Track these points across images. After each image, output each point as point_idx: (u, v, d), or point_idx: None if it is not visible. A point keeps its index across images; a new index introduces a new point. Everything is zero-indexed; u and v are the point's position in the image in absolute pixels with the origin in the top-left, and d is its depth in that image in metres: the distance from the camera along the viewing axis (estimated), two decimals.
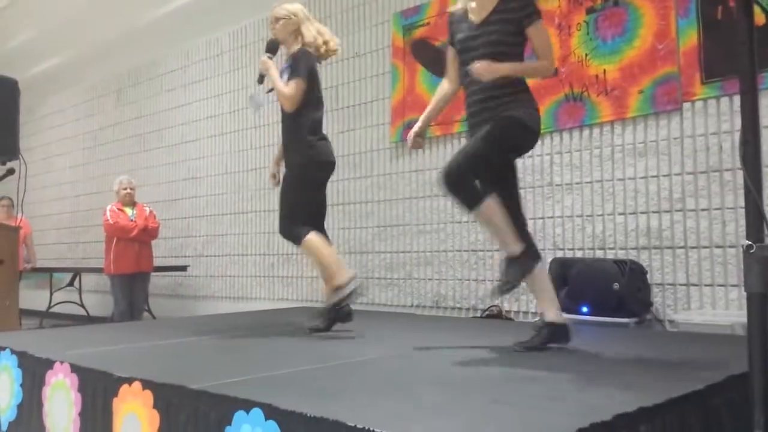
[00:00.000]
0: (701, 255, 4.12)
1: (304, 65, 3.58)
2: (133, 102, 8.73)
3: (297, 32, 3.66)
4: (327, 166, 3.70)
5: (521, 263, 2.82)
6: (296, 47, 3.65)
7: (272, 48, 3.73)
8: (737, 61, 2.09)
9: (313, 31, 3.67)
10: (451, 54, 3.12)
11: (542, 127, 4.70)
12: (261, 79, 3.72)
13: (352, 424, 1.67)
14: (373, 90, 5.96)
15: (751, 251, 1.96)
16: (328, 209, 6.13)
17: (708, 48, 4.09)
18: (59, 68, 9.50)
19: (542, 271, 3.02)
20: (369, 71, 5.99)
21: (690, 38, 4.16)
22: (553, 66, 3.13)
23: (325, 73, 6.34)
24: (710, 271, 4.08)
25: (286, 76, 3.60)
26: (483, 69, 2.79)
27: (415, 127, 3.20)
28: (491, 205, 2.81)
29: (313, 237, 3.57)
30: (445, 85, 3.19)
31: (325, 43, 3.69)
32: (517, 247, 2.81)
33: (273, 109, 6.84)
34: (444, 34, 5.38)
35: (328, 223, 6.22)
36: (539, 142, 4.78)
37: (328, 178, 3.77)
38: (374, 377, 2.44)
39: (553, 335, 2.91)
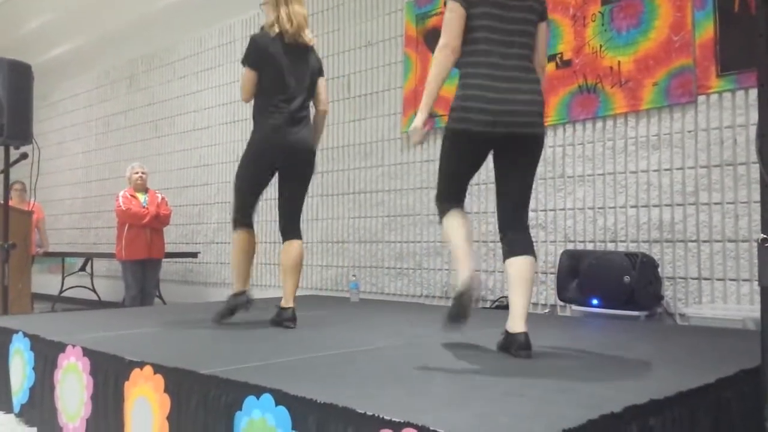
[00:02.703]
0: (713, 249, 4.10)
1: (247, 52, 3.54)
2: (146, 88, 8.75)
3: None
4: (270, 149, 3.54)
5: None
6: None
7: None
8: (755, 54, 2.07)
9: (273, 15, 3.51)
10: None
11: (555, 118, 4.79)
12: None
13: (362, 411, 1.67)
14: (385, 79, 5.94)
15: (766, 245, 1.94)
16: (339, 198, 6.22)
17: (724, 40, 4.04)
18: (72, 54, 9.52)
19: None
20: (381, 60, 5.97)
21: (706, 30, 4.12)
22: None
23: (337, 61, 6.33)
24: (722, 266, 4.06)
25: None
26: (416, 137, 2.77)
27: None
28: None
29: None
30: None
31: (290, 26, 3.51)
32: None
33: None
34: None
35: (339, 211, 6.30)
36: (552, 133, 4.82)
37: (278, 162, 3.58)
38: (384, 366, 2.44)
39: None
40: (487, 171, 3.08)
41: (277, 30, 3.51)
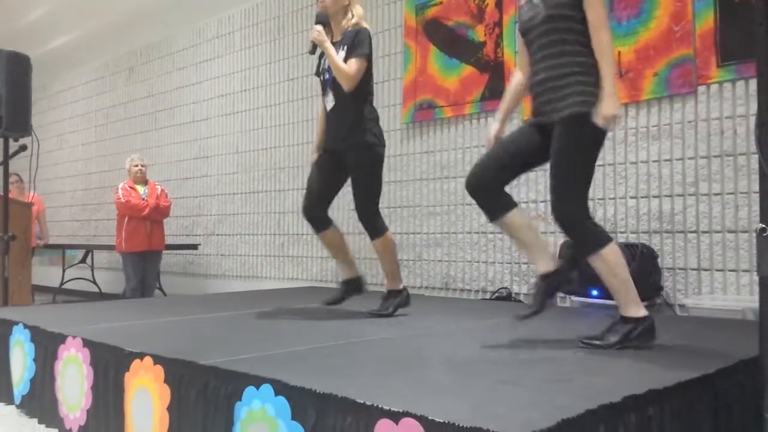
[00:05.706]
0: (713, 240, 4.10)
1: (368, 45, 3.50)
2: (145, 80, 8.73)
3: (347, 8, 3.50)
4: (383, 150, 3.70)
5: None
6: (347, 23, 3.50)
7: (324, 21, 3.51)
8: (754, 44, 2.06)
9: (359, 7, 3.54)
10: (521, 41, 2.83)
11: None
12: (313, 50, 3.54)
13: (361, 401, 1.68)
14: (384, 70, 5.92)
15: (765, 234, 1.94)
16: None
17: (725, 30, 4.03)
18: (72, 45, 9.49)
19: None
20: (380, 51, 5.94)
21: (706, 20, 4.11)
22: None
23: None
24: (722, 256, 4.06)
25: (342, 53, 3.45)
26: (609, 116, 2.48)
27: (495, 131, 2.86)
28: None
29: (390, 234, 3.70)
30: (517, 75, 2.91)
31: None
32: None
33: (282, 90, 6.83)
34: (457, 14, 5.36)
35: (338, 202, 6.23)
36: None
37: None
38: (383, 356, 2.45)
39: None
40: None
41: None
